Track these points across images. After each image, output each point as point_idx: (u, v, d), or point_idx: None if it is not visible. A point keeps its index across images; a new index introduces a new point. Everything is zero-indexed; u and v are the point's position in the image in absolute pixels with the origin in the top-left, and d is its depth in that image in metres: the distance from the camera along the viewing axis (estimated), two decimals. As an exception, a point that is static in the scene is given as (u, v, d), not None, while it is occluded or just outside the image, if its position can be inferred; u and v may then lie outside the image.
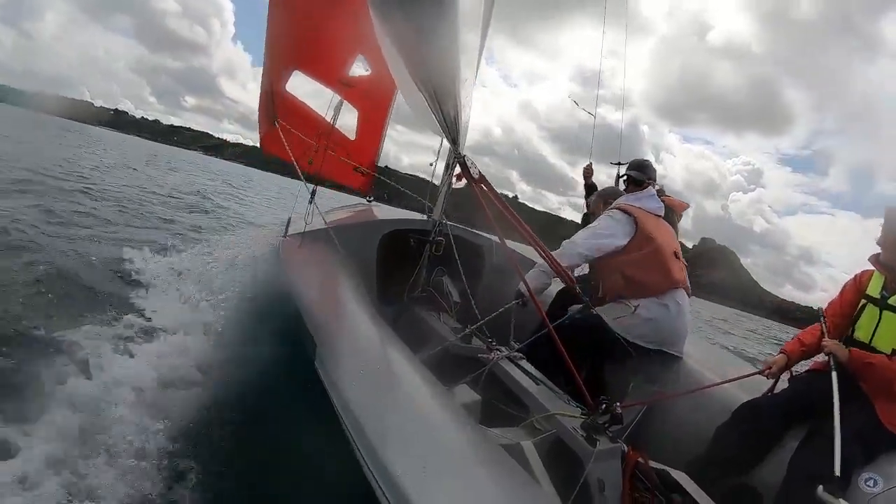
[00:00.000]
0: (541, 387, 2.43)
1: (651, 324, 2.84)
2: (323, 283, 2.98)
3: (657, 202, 3.21)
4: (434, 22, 1.95)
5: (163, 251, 6.56)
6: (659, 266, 2.88)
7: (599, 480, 1.95)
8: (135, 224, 8.50)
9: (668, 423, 2.69)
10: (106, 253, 5.81)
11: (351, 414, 1.71)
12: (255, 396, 2.78)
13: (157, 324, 3.98)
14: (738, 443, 2.35)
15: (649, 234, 2.91)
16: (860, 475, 2.03)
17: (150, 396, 2.78)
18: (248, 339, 3.11)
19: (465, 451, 1.59)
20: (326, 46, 4.12)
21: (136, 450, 2.35)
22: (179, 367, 3.16)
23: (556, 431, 2.13)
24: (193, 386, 2.99)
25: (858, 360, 2.28)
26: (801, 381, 2.52)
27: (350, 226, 3.97)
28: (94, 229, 7.05)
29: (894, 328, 2.31)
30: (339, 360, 2.07)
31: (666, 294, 2.87)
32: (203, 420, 2.70)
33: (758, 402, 2.48)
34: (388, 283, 3.69)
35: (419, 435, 1.60)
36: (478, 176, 2.11)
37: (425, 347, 3.06)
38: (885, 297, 2.36)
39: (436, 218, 3.64)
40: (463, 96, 2.15)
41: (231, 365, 3.03)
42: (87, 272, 4.91)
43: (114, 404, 2.61)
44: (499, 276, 4.06)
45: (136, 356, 3.22)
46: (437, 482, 1.40)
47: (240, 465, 2.50)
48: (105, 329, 3.66)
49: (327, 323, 2.42)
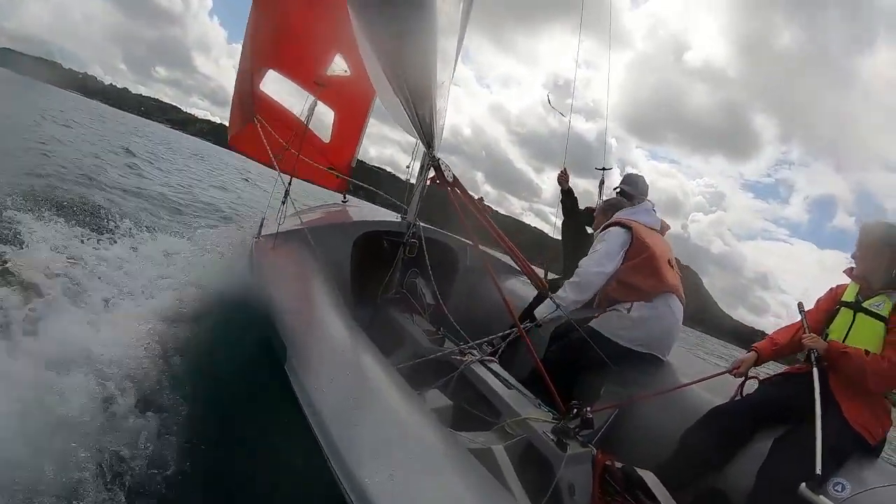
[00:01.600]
0: (512, 391, 2.44)
1: (642, 325, 2.91)
2: (295, 285, 2.95)
3: (653, 217, 3.35)
4: (413, 25, 1.95)
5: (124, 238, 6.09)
6: (652, 270, 2.97)
7: (570, 484, 1.96)
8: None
9: (640, 426, 2.71)
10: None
11: (320, 419, 1.69)
12: (223, 401, 2.72)
13: (121, 318, 3.79)
14: (707, 445, 2.39)
15: (644, 242, 3.02)
16: (829, 480, 2.06)
17: (111, 401, 2.69)
18: (218, 342, 3.05)
19: (435, 456, 1.57)
20: (303, 46, 4.09)
21: (94, 457, 2.26)
22: (141, 369, 3.05)
23: (527, 436, 2.14)
24: (159, 389, 2.90)
25: (836, 351, 2.36)
26: (772, 385, 2.57)
27: (324, 227, 3.94)
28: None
29: (867, 329, 2.39)
30: (310, 363, 2.04)
31: (658, 297, 2.95)
32: (168, 424, 2.62)
33: (727, 405, 2.53)
34: (362, 285, 3.67)
35: (389, 440, 1.59)
36: (452, 179, 2.11)
37: (398, 350, 3.05)
38: (860, 301, 2.46)
39: (410, 220, 3.63)
40: (439, 100, 2.15)
41: (199, 368, 2.96)
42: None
43: (70, 405, 2.50)
44: (472, 278, 4.08)
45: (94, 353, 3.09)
46: (406, 488, 1.39)
47: (205, 471, 2.43)
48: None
49: (299, 325, 2.39)
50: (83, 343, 3.08)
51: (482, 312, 3.54)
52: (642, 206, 3.40)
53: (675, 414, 2.61)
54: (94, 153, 13.66)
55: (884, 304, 2.38)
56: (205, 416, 2.71)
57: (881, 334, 2.34)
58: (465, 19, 3.61)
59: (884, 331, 2.34)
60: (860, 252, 2.51)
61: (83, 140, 17.11)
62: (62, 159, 10.33)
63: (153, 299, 4.16)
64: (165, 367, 3.13)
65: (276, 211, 3.53)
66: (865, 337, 2.38)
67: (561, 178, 4.45)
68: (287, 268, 3.18)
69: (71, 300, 3.69)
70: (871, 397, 2.29)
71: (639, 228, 3.09)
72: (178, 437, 2.56)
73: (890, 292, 2.38)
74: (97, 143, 17.32)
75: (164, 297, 4.15)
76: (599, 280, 2.98)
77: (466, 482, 1.49)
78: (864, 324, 2.41)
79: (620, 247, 3.02)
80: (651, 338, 2.94)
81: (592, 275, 2.98)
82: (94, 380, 2.74)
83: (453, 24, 2.25)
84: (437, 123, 2.16)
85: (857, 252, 2.53)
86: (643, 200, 3.52)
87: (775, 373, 2.68)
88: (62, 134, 16.39)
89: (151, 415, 2.65)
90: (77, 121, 21.73)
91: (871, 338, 2.35)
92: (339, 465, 1.48)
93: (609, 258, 3.00)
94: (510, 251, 2.32)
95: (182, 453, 2.46)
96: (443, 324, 3.31)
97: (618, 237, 3.05)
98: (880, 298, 2.40)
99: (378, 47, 2.10)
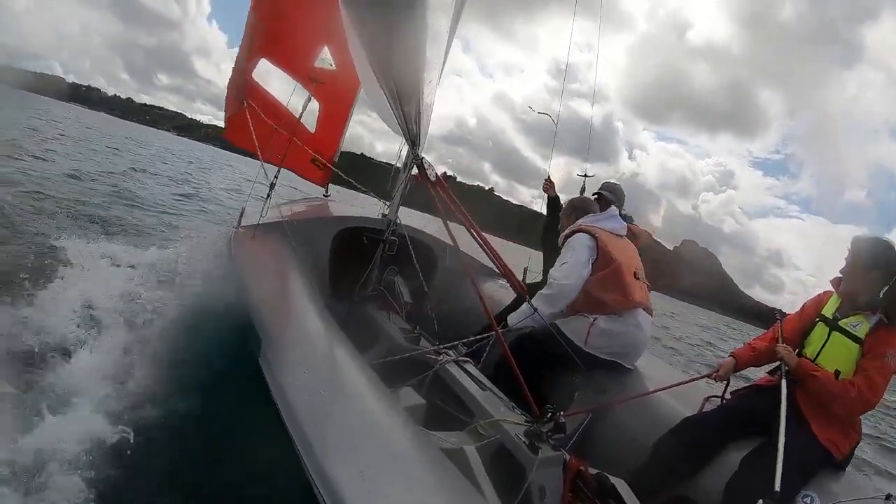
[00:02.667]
0: (487, 392, 2.44)
1: (607, 336, 2.88)
2: (273, 278, 2.92)
3: (618, 222, 3.30)
4: (404, 23, 1.94)
5: (106, 235, 6.17)
6: (617, 286, 2.93)
7: (541, 488, 1.97)
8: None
9: (612, 433, 2.72)
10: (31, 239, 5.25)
11: (292, 413, 1.68)
12: (195, 393, 2.67)
13: (95, 314, 3.72)
14: (679, 455, 2.40)
15: (610, 255, 2.98)
16: (799, 493, 2.10)
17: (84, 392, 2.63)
18: (191, 332, 2.99)
19: (406, 454, 1.57)
20: (293, 36, 4.09)
21: (72, 450, 2.20)
22: (113, 361, 2.99)
23: (499, 438, 2.14)
24: (128, 380, 2.84)
25: (805, 370, 2.35)
26: (743, 397, 2.60)
27: (305, 220, 3.91)
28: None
29: (839, 350, 2.37)
30: (284, 357, 2.03)
31: (624, 313, 2.91)
32: (138, 416, 2.56)
33: (698, 416, 2.55)
34: (340, 281, 3.65)
35: (360, 437, 1.59)
36: (434, 178, 2.10)
37: (374, 347, 3.04)
38: (837, 319, 2.44)
39: (391, 217, 3.61)
40: (426, 98, 2.14)
41: (170, 359, 2.90)
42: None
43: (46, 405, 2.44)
44: (451, 278, 4.07)
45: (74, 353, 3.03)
46: (376, 486, 1.38)
47: (176, 464, 2.39)
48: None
49: (274, 319, 2.37)
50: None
51: (460, 313, 3.54)
52: (607, 211, 3.32)
53: (647, 421, 2.63)
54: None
55: (860, 324, 2.35)
56: (173, 409, 2.65)
57: (854, 356, 2.32)
58: (455, 19, 3.61)
59: (858, 353, 2.32)
60: (848, 269, 2.45)
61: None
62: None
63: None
64: (137, 353, 3.09)
65: (257, 201, 3.50)
66: (838, 356, 2.36)
67: (546, 186, 4.44)
68: (265, 260, 3.15)
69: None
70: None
71: (604, 237, 3.04)
72: (145, 426, 2.50)
73: (868, 314, 2.34)
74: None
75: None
76: (572, 293, 2.93)
77: (438, 482, 1.48)
78: (838, 343, 2.39)
79: (588, 256, 2.97)
80: (614, 349, 2.93)
81: (565, 287, 2.92)
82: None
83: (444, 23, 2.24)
84: (423, 122, 2.15)
85: (845, 268, 2.47)
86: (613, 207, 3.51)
87: (745, 385, 2.71)
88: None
89: (117, 402, 2.60)
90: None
91: (844, 358, 2.34)
92: (310, 460, 1.47)
93: (579, 269, 2.95)
94: (489, 253, 2.32)
95: (149, 444, 2.40)
96: (419, 323, 3.30)
97: (585, 246, 3.00)
98: (857, 319, 2.37)
99: (367, 40, 2.08)
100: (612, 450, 2.65)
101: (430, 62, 2.10)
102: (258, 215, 3.42)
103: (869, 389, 2.22)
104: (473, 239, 2.30)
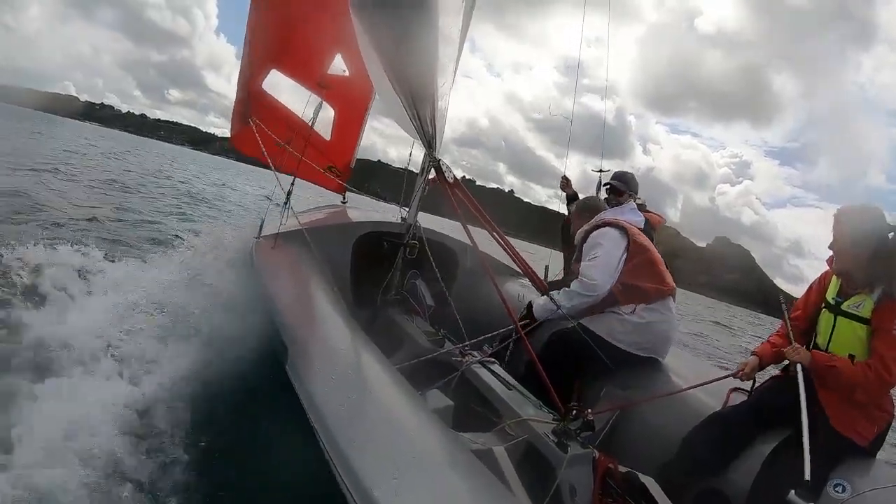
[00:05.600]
0: (513, 392, 2.44)
1: (643, 329, 2.86)
2: (296, 286, 2.95)
3: (638, 215, 3.31)
4: (415, 26, 1.95)
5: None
6: (654, 273, 2.93)
7: (571, 486, 1.96)
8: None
9: (641, 429, 2.70)
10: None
11: (322, 419, 1.69)
12: (225, 401, 2.72)
13: (123, 322, 3.81)
14: (708, 450, 2.38)
15: (641, 243, 2.98)
16: (829, 482, 2.07)
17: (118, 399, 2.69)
18: (218, 342, 3.04)
19: (437, 456, 1.58)
20: (304, 45, 4.12)
21: (105, 454, 2.26)
22: (145, 369, 3.06)
23: (527, 437, 2.14)
24: (161, 389, 2.89)
25: (820, 364, 2.29)
26: (768, 391, 2.56)
27: (324, 228, 3.94)
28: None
29: (848, 334, 2.31)
30: (311, 364, 2.04)
31: (659, 300, 2.90)
32: (171, 424, 2.62)
33: (725, 411, 2.52)
34: (362, 286, 3.67)
35: (390, 441, 1.60)
36: (452, 180, 2.10)
37: (399, 351, 3.05)
38: (839, 303, 2.36)
39: (410, 221, 3.62)
40: (440, 100, 2.15)
41: (200, 369, 2.95)
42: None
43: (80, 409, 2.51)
44: (472, 279, 4.07)
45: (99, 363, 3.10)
46: (408, 488, 1.39)
47: (209, 470, 2.43)
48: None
49: (300, 326, 2.39)
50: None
51: (482, 313, 3.54)
52: (627, 205, 3.33)
53: (675, 416, 2.60)
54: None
55: (863, 303, 2.26)
56: (206, 417, 2.70)
57: (864, 337, 2.25)
58: (467, 20, 3.62)
59: (866, 333, 2.24)
60: (836, 247, 2.34)
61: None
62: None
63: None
64: (166, 365, 3.14)
65: (276, 211, 3.53)
66: (849, 341, 2.30)
67: (563, 184, 4.43)
68: (287, 268, 3.18)
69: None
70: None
71: (632, 228, 3.03)
72: (178, 437, 2.56)
73: (868, 291, 2.25)
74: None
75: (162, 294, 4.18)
76: (605, 289, 2.86)
77: (469, 483, 1.49)
78: (845, 327, 2.31)
79: (621, 254, 2.93)
80: (651, 342, 2.90)
81: (599, 283, 2.85)
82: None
83: (455, 25, 2.25)
84: (438, 124, 2.16)
85: (832, 244, 2.35)
86: (632, 198, 3.48)
87: (770, 377, 2.67)
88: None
89: (152, 415, 2.65)
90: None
91: (855, 341, 2.27)
92: (341, 465, 1.48)
93: (611, 269, 2.89)
94: (509, 252, 2.31)
95: (182, 454, 2.47)
96: (443, 325, 3.31)
97: (617, 240, 2.96)
98: (860, 298, 2.28)
99: (379, 45, 2.10)
100: (638, 445, 2.63)
101: (443, 63, 2.10)
102: (277, 224, 3.45)
103: (885, 368, 2.15)
104: (494, 239, 2.29)
